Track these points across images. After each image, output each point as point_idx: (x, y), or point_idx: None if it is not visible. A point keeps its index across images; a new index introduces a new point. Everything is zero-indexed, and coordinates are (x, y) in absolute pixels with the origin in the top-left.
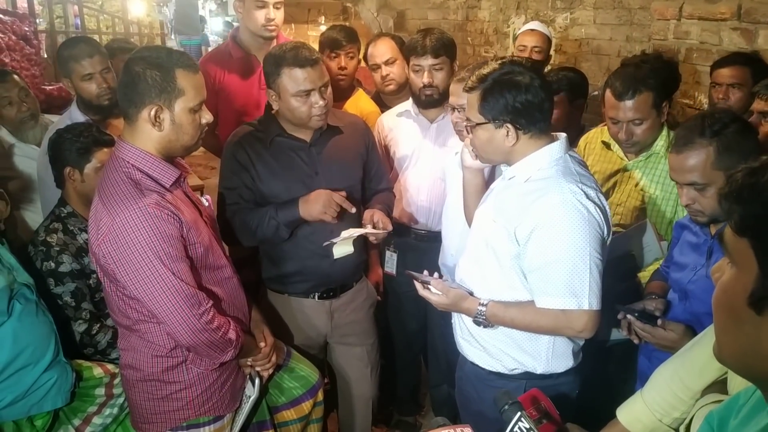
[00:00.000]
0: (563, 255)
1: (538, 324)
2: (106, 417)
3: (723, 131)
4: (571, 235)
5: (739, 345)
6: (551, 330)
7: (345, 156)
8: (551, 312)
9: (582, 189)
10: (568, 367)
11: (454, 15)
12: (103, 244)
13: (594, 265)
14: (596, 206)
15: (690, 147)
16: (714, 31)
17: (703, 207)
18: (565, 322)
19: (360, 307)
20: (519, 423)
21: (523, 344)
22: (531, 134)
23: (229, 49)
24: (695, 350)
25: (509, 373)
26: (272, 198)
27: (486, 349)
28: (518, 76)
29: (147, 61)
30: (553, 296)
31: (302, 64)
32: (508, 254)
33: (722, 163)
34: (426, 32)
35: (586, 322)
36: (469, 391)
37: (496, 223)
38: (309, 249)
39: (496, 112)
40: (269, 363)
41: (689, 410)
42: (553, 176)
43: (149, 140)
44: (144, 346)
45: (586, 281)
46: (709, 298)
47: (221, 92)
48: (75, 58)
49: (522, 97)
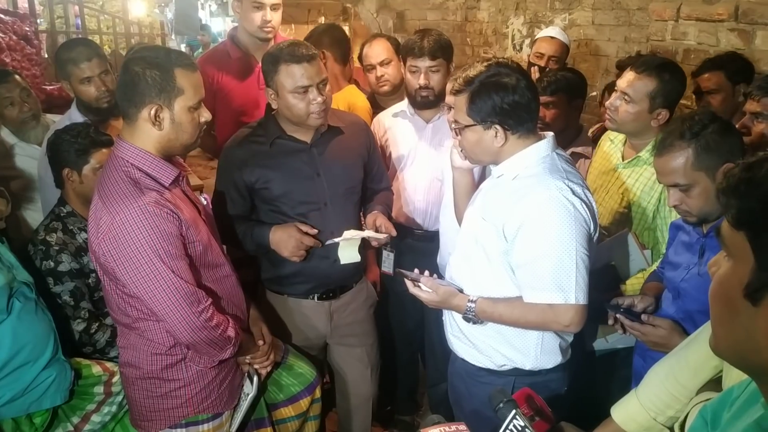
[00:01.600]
0: (550, 250)
1: (526, 319)
2: (104, 415)
3: (702, 132)
4: (558, 231)
5: (735, 336)
6: (539, 324)
7: (346, 157)
8: (538, 306)
9: (568, 185)
10: (557, 363)
11: (453, 16)
12: (103, 243)
13: (580, 259)
14: (582, 202)
15: (670, 149)
16: (711, 32)
17: (690, 207)
18: (552, 317)
19: (360, 307)
20: (514, 421)
21: (512, 340)
22: (519, 134)
23: (227, 49)
24: (690, 349)
25: (498, 369)
26: (275, 200)
27: (475, 345)
28: (505, 78)
29: (146, 60)
30: (540, 291)
31: (299, 60)
32: (496, 251)
33: (702, 163)
34: (423, 33)
35: (572, 317)
36: (460, 388)
37: (485, 221)
38: (309, 251)
39: (484, 113)
40: (267, 361)
41: (684, 408)
42: (540, 173)
43: (149, 139)
44: (143, 344)
45: (573, 276)
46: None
47: (219, 92)
48: (73, 61)
49: (509, 98)
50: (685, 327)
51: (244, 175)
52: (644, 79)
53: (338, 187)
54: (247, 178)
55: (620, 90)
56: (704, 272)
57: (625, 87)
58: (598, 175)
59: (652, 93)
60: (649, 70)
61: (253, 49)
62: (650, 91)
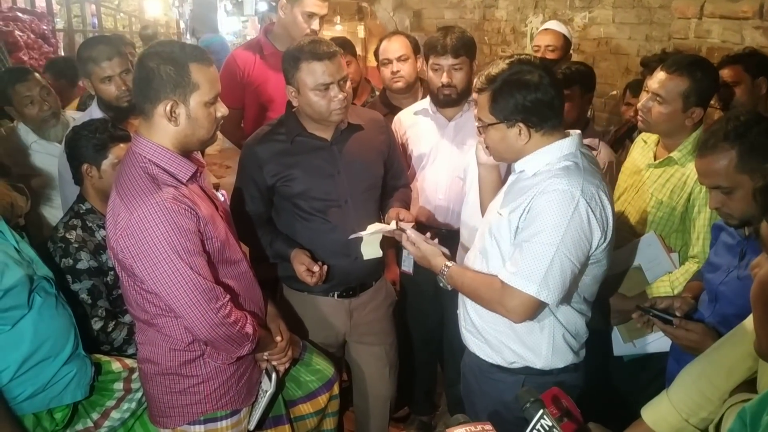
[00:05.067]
0: (534, 237)
1: (479, 292)
2: (124, 412)
3: (746, 134)
4: (550, 223)
5: None
6: (485, 300)
7: (366, 154)
8: (495, 282)
9: (583, 186)
10: (568, 363)
11: (471, 14)
12: (121, 239)
13: (558, 259)
14: (591, 206)
15: (713, 151)
16: (736, 30)
17: (731, 210)
18: (499, 296)
19: (379, 306)
20: (541, 420)
21: (523, 337)
22: (543, 131)
23: (261, 44)
24: (723, 350)
25: (509, 367)
26: (295, 197)
27: (487, 340)
28: (527, 75)
29: (161, 56)
30: (508, 269)
31: (320, 57)
32: (508, 242)
33: (746, 165)
34: (447, 31)
35: (518, 305)
36: (472, 384)
37: (500, 215)
38: (329, 249)
39: (508, 112)
40: (285, 357)
41: (717, 410)
42: (560, 171)
43: (165, 135)
44: (162, 340)
45: (543, 269)
46: (740, 300)
47: (248, 86)
48: (95, 60)
49: (532, 96)
50: (720, 331)
51: (264, 173)
52: (676, 78)
53: (358, 185)
54: (267, 175)
55: (651, 91)
56: (743, 276)
57: (657, 88)
58: (629, 175)
59: (685, 92)
60: (681, 70)
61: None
62: (683, 91)
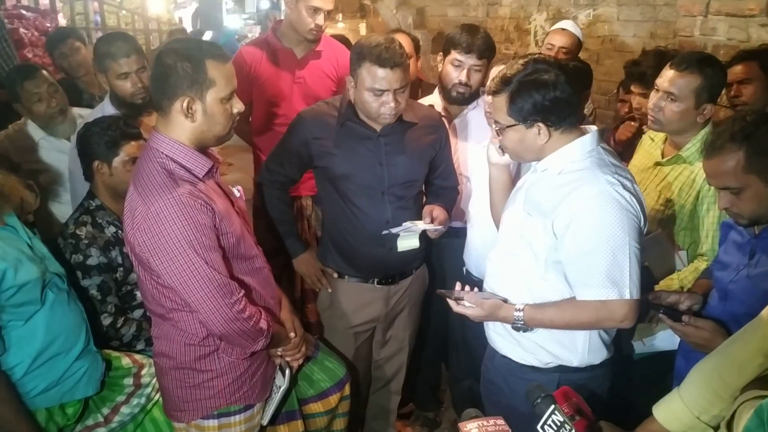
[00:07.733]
0: (603, 245)
1: (579, 320)
2: (134, 407)
3: (753, 134)
4: (610, 226)
5: None
6: (592, 323)
7: (413, 151)
8: (591, 304)
9: (618, 180)
10: (603, 359)
11: (474, 12)
12: (138, 233)
13: (633, 254)
14: (632, 196)
15: (720, 152)
16: (742, 27)
17: (740, 210)
18: (606, 313)
19: (415, 293)
20: (553, 416)
21: (560, 337)
22: (562, 130)
23: (268, 40)
24: (735, 347)
25: (543, 367)
26: (334, 180)
27: (520, 342)
28: (544, 75)
29: (178, 53)
30: (594, 287)
31: (383, 64)
32: (544, 247)
33: (754, 166)
34: (472, 30)
35: (627, 312)
36: (499, 385)
37: (530, 216)
38: (364, 237)
39: (526, 113)
40: (299, 353)
41: (728, 407)
42: (588, 168)
43: (182, 131)
44: (177, 335)
45: (626, 271)
46: (749, 298)
47: (255, 81)
48: (112, 56)
49: (550, 95)
50: (730, 329)
51: (309, 145)
52: (687, 76)
53: (398, 179)
54: (312, 149)
55: (663, 90)
56: (753, 275)
57: (669, 86)
58: (637, 173)
59: (697, 89)
60: (692, 67)
61: (294, 45)
62: (695, 88)
